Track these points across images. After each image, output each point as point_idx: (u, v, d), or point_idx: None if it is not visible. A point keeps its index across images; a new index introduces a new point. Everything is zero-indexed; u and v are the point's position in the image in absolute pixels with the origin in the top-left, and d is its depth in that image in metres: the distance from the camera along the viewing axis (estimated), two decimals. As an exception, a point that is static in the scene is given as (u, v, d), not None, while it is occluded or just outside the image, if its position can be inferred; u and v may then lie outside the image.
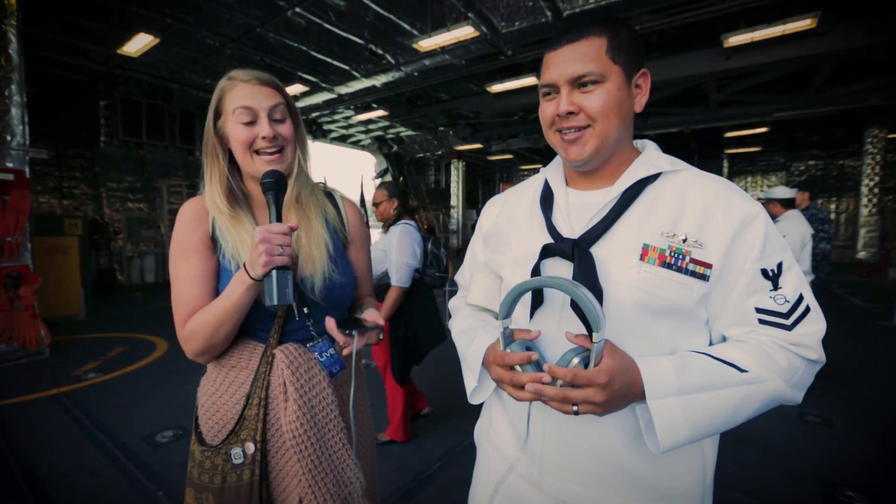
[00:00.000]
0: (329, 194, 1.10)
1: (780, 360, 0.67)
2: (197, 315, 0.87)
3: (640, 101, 0.76)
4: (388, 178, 16.44)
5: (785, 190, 3.70)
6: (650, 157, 0.77)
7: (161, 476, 2.37)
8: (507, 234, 0.88)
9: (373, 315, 0.94)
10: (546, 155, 16.82)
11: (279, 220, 0.86)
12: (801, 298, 0.69)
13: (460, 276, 1.06)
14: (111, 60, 7.99)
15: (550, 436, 0.77)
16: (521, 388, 0.66)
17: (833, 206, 14.06)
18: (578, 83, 0.72)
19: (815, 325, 0.69)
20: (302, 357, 0.92)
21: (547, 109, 0.76)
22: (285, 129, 0.93)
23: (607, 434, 0.72)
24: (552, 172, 0.85)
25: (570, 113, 0.73)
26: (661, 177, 0.75)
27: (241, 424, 0.89)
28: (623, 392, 0.63)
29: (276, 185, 0.86)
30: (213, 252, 0.93)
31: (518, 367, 0.68)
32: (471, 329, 0.89)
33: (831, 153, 14.26)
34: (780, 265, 0.69)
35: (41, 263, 5.65)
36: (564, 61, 0.73)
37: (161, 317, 6.19)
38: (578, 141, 0.74)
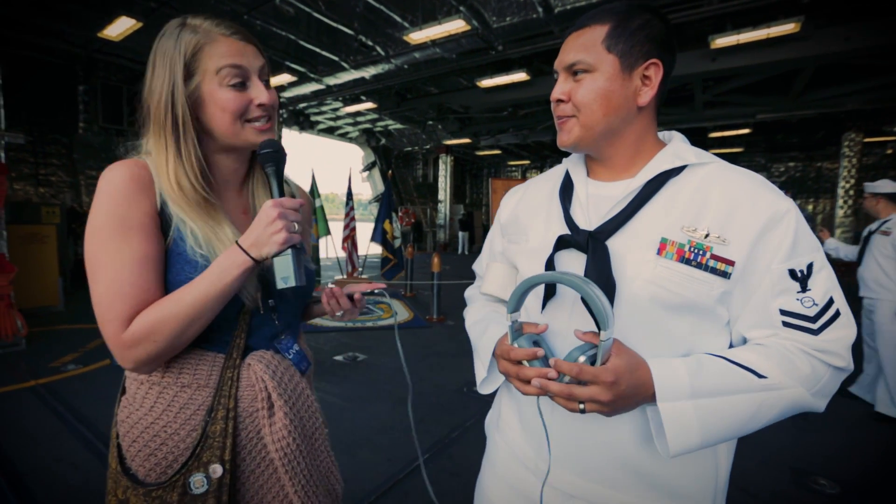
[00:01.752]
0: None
1: (802, 367, 0.64)
2: (155, 309, 0.69)
3: (646, 93, 0.72)
4: (376, 171, 16.33)
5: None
6: (676, 148, 0.74)
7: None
8: (524, 224, 0.86)
9: (361, 285, 0.88)
10: (534, 151, 16.89)
11: (282, 194, 0.77)
12: (830, 302, 0.66)
13: (477, 265, 1.05)
14: (91, 44, 7.73)
15: (559, 430, 0.76)
16: (528, 382, 0.66)
17: (810, 208, 14.48)
18: (572, 71, 0.72)
19: (844, 330, 0.66)
20: (282, 364, 0.81)
21: (552, 94, 0.77)
22: (274, 95, 0.80)
23: (618, 431, 0.71)
24: (573, 163, 0.83)
25: (560, 101, 0.74)
26: (686, 169, 0.72)
27: (203, 445, 0.73)
28: (631, 393, 0.61)
29: (277, 155, 0.77)
30: (160, 231, 0.73)
31: (525, 362, 0.67)
32: (484, 320, 0.89)
33: (810, 155, 14.65)
34: (810, 266, 0.66)
35: (17, 252, 5.47)
36: (565, 49, 0.74)
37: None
38: (564, 128, 0.75)
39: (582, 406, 0.62)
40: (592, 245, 0.69)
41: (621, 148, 0.75)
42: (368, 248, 7.54)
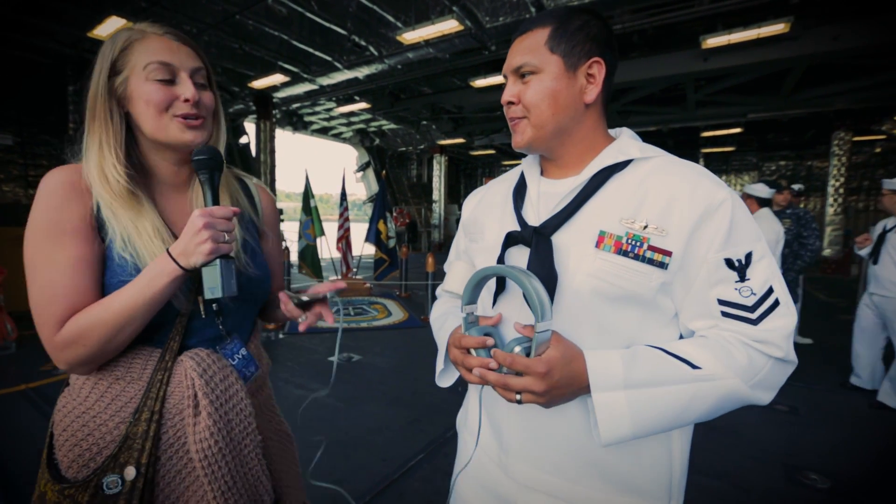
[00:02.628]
0: (240, 180, 0.98)
1: (739, 358, 0.64)
2: (85, 314, 0.69)
3: (591, 90, 0.73)
4: (370, 171, 16.30)
5: (763, 188, 3.71)
6: (621, 144, 0.76)
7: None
8: (482, 223, 0.89)
9: (325, 285, 0.85)
10: (528, 151, 16.91)
11: (216, 203, 0.76)
12: (769, 291, 0.66)
13: (446, 264, 1.09)
14: (81, 44, 7.65)
15: (514, 421, 0.77)
16: (472, 371, 0.68)
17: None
18: (519, 73, 0.74)
19: (783, 320, 0.65)
20: (216, 364, 0.78)
21: (502, 98, 0.79)
22: (208, 97, 0.79)
23: (569, 422, 0.72)
24: (528, 163, 0.86)
25: (511, 103, 0.76)
26: (631, 164, 0.74)
27: (123, 445, 0.72)
28: (565, 383, 0.62)
29: (211, 162, 0.75)
30: (96, 235, 0.73)
31: (473, 352, 0.70)
32: (444, 314, 0.93)
33: (800, 154, 14.81)
34: (749, 255, 0.66)
35: (6, 254, 5.40)
36: (512, 52, 0.76)
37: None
38: (517, 129, 0.77)
39: (518, 396, 0.63)
40: (536, 240, 0.72)
41: (571, 146, 0.77)
42: (363, 248, 7.52)
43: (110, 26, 6.60)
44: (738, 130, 12.41)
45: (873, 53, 6.83)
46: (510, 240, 0.76)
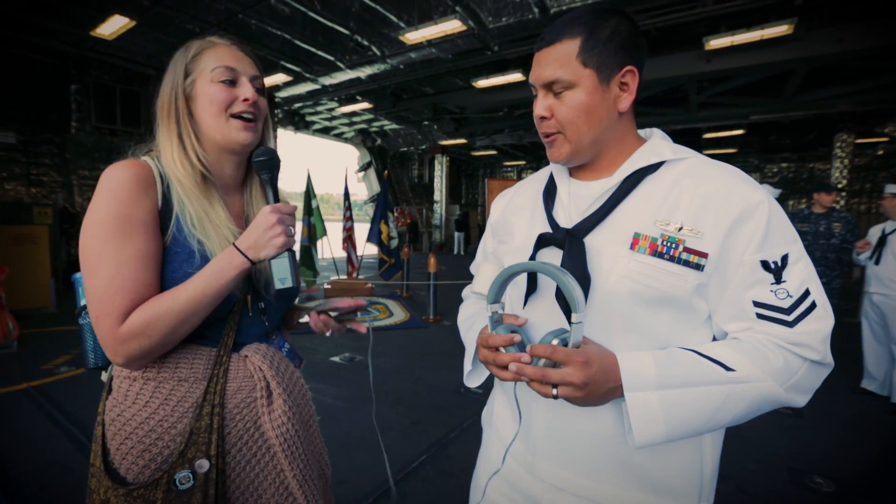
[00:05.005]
0: None
1: (774, 360, 0.64)
2: (152, 305, 0.71)
3: (626, 99, 0.73)
4: (372, 171, 16.30)
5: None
6: (653, 146, 0.75)
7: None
8: (511, 224, 0.89)
9: (345, 300, 0.92)
10: (529, 151, 16.92)
11: (277, 200, 0.82)
12: (806, 293, 0.65)
13: (473, 266, 1.08)
14: (83, 43, 7.66)
15: (544, 420, 0.77)
16: (505, 368, 0.67)
17: (803, 208, 14.65)
18: (551, 89, 0.73)
19: (820, 322, 0.65)
20: (276, 355, 0.85)
21: (534, 111, 0.77)
22: (263, 102, 0.86)
23: (600, 421, 0.72)
24: (557, 164, 0.85)
25: (543, 118, 0.75)
26: (664, 165, 0.73)
27: (189, 441, 0.75)
28: (601, 378, 0.62)
29: (271, 162, 0.82)
30: (159, 230, 0.77)
31: (502, 350, 0.69)
32: (472, 316, 0.92)
33: (802, 156, 14.77)
34: (785, 257, 0.66)
35: (8, 253, 5.42)
36: (539, 64, 0.74)
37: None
38: (554, 144, 0.76)
39: (555, 391, 0.63)
40: (569, 242, 0.71)
41: (605, 151, 0.77)
42: (364, 248, 7.52)
43: (113, 25, 6.61)
44: (740, 132, 12.39)
45: (877, 56, 6.81)
46: (542, 241, 0.76)
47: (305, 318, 0.98)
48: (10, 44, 7.46)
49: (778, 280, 0.65)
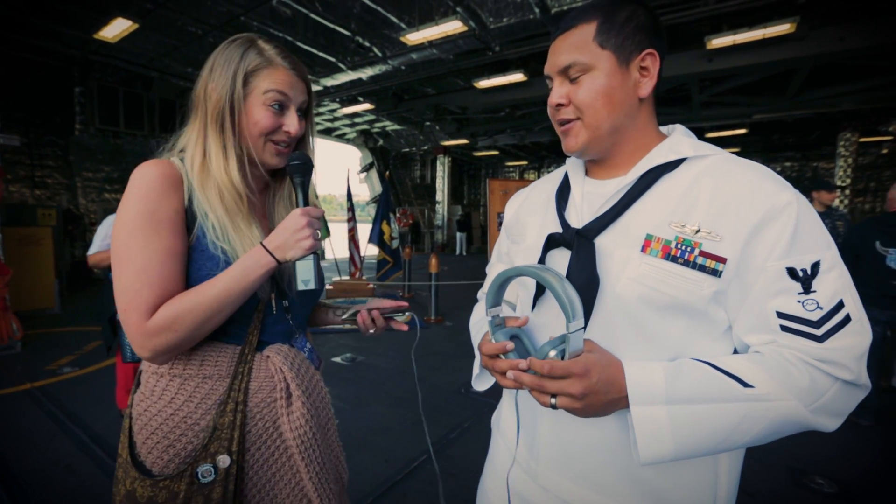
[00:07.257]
0: None
1: (799, 378, 0.58)
2: (180, 300, 0.73)
3: (647, 84, 0.69)
4: (374, 172, 16.32)
5: None
6: (673, 142, 0.71)
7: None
8: (524, 224, 0.86)
9: (387, 301, 0.97)
10: (531, 152, 16.91)
11: (306, 203, 0.84)
12: (839, 305, 0.59)
13: (488, 267, 1.07)
14: (87, 45, 7.71)
15: (548, 427, 0.74)
16: (504, 375, 0.66)
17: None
18: (567, 74, 0.70)
19: (854, 338, 0.58)
20: (297, 356, 0.86)
21: (549, 100, 0.75)
22: (302, 126, 0.88)
23: (607, 431, 0.68)
24: (573, 162, 0.82)
25: (560, 105, 0.71)
26: (684, 163, 0.68)
27: (212, 436, 0.77)
28: (603, 389, 0.59)
29: (304, 167, 0.84)
30: (185, 228, 0.78)
31: (501, 356, 0.68)
32: (482, 319, 0.90)
33: (806, 155, 14.72)
34: (815, 265, 0.59)
35: (13, 254, 5.45)
36: (555, 52, 0.72)
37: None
38: (570, 133, 0.72)
39: (553, 400, 0.60)
40: (577, 242, 0.68)
41: (624, 145, 0.73)
42: (366, 248, 7.53)
43: (116, 27, 6.65)
44: (743, 131, 12.35)
45: (879, 54, 6.77)
46: (551, 242, 0.73)
47: (336, 316, 1.00)
48: (14, 47, 7.52)
49: (807, 290, 0.59)
